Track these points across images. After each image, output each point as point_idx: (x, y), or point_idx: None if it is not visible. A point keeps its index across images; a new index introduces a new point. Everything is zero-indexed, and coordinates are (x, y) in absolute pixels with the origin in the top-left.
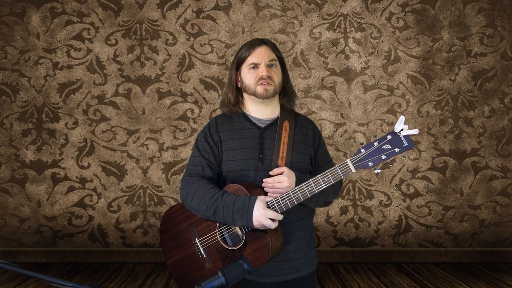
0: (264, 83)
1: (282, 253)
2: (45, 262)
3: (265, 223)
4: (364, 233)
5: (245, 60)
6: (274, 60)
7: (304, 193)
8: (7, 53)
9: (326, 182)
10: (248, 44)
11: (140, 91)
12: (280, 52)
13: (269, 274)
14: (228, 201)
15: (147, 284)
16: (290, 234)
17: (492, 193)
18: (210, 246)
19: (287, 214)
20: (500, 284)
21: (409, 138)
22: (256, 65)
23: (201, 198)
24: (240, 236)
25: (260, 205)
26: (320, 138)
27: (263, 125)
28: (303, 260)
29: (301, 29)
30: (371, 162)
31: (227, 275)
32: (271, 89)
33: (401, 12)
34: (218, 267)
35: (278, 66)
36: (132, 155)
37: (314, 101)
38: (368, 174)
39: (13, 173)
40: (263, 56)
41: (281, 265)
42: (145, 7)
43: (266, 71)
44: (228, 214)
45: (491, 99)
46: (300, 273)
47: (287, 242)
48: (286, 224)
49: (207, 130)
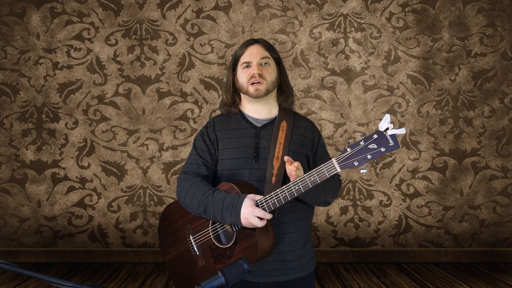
0: (255, 82)
1: (276, 254)
2: (45, 262)
3: (252, 221)
4: (364, 233)
5: (239, 60)
6: (266, 58)
7: (291, 193)
8: (7, 53)
9: (312, 182)
10: (242, 44)
11: (140, 91)
12: (275, 51)
13: (263, 274)
14: (218, 198)
15: (147, 284)
16: (284, 235)
17: (492, 193)
18: (203, 243)
19: (283, 215)
20: (500, 284)
21: (395, 138)
22: (249, 64)
23: (193, 195)
24: (231, 234)
25: (248, 203)
26: (320, 139)
27: (259, 125)
28: (298, 262)
29: (301, 29)
30: (357, 162)
31: (227, 275)
32: (263, 88)
33: (401, 12)
34: (210, 265)
35: (272, 64)
36: (132, 155)
37: (314, 101)
38: (368, 174)
39: (13, 173)
40: (255, 54)
41: (275, 266)
42: (145, 7)
43: (257, 69)
44: (217, 211)
45: (491, 99)
46: (295, 275)
47: (282, 243)
48: (281, 225)
49: (204, 129)
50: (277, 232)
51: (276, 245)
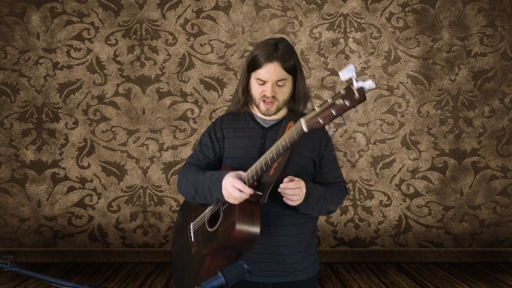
0: (267, 101)
1: (277, 256)
2: (45, 262)
3: (231, 191)
4: (364, 233)
5: (255, 69)
6: (283, 80)
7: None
8: (7, 53)
9: (283, 146)
10: (262, 51)
11: (140, 91)
12: (296, 57)
13: (263, 274)
14: (207, 176)
15: (147, 284)
16: (286, 237)
17: (492, 193)
18: (197, 229)
19: (285, 217)
20: (500, 284)
21: (363, 91)
22: (264, 82)
23: (187, 180)
24: (219, 216)
25: (230, 174)
26: (328, 144)
27: (267, 125)
28: (299, 265)
29: (301, 29)
30: (322, 119)
31: (227, 275)
32: (273, 109)
33: (401, 12)
34: (200, 250)
35: (288, 83)
36: (132, 155)
37: (314, 101)
38: (368, 174)
39: (13, 173)
40: (272, 74)
41: (274, 267)
42: (145, 7)
43: (270, 91)
44: (206, 188)
45: (491, 99)
46: (295, 277)
47: (283, 245)
48: (282, 227)
49: (212, 126)
50: (280, 234)
51: (277, 247)
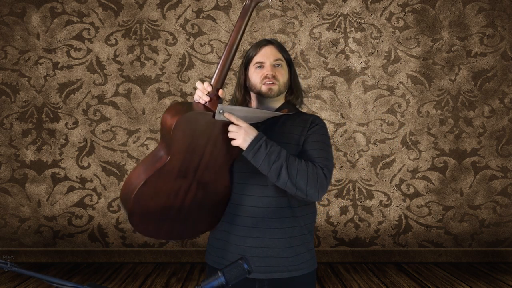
0: (268, 82)
1: (271, 249)
2: (45, 262)
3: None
4: (364, 233)
5: (252, 60)
6: (279, 60)
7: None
8: (7, 53)
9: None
10: (255, 44)
11: (140, 91)
12: (288, 53)
13: (257, 270)
14: None
15: (147, 284)
16: (279, 229)
17: (492, 193)
18: None
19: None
20: (500, 284)
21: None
22: (262, 64)
23: None
24: None
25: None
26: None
27: None
28: (294, 259)
29: (301, 29)
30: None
31: (227, 275)
32: (276, 89)
33: (401, 12)
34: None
35: (284, 66)
36: (132, 155)
37: (314, 101)
38: (368, 174)
39: (13, 173)
40: (269, 55)
41: (269, 261)
42: (145, 7)
43: (271, 70)
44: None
45: (491, 99)
46: (290, 273)
47: (278, 238)
48: (280, 219)
49: None
50: (275, 226)
51: (271, 239)
